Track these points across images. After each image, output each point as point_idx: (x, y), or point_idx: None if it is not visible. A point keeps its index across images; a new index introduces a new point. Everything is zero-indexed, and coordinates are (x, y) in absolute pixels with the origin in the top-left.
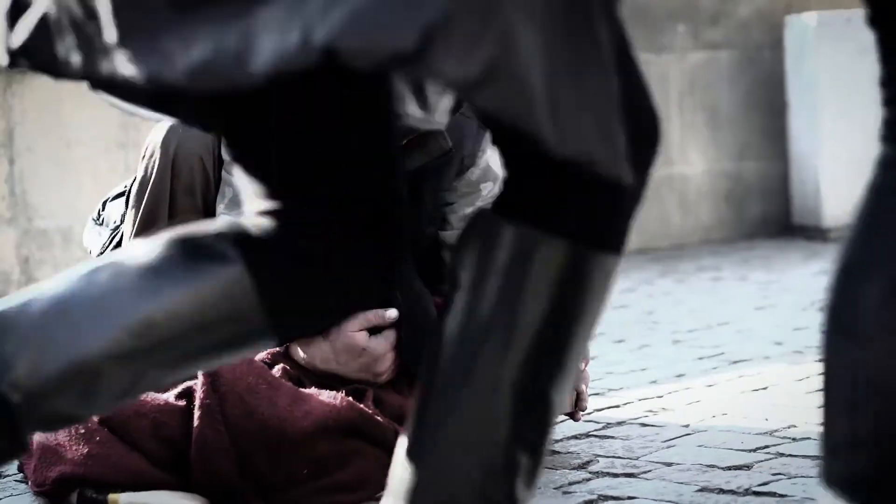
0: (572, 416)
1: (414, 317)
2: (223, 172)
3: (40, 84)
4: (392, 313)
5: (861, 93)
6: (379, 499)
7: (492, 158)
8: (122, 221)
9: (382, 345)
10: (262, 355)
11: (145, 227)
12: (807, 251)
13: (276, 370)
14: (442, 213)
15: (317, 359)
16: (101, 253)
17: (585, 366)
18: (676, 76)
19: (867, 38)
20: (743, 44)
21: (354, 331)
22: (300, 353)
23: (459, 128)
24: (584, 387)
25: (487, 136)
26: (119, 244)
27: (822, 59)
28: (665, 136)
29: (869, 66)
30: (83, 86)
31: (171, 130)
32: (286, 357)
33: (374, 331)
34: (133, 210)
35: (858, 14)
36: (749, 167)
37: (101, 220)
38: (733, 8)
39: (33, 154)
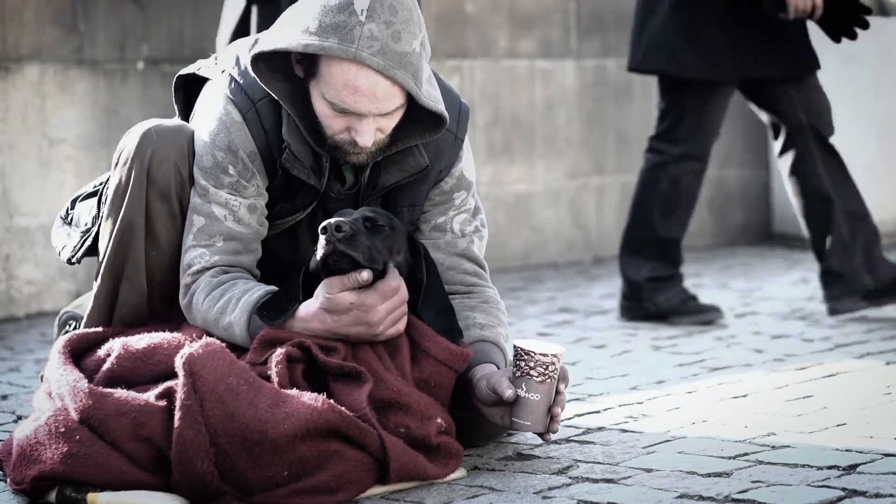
0: (542, 436)
1: (435, 288)
2: (194, 198)
3: (24, 82)
4: (365, 275)
5: (844, 102)
6: (359, 501)
7: (466, 167)
8: (92, 224)
9: (371, 297)
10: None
11: (122, 235)
12: (787, 259)
13: (277, 359)
14: (415, 222)
15: (314, 321)
16: (73, 255)
17: (565, 387)
18: None
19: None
20: None
21: (335, 293)
22: (296, 325)
23: (436, 141)
24: (559, 409)
25: (465, 146)
26: (92, 247)
27: None
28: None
29: (853, 76)
30: (66, 83)
31: (145, 136)
32: (304, 350)
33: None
34: (110, 219)
35: None
36: (731, 175)
37: (69, 218)
38: None
39: (16, 151)
